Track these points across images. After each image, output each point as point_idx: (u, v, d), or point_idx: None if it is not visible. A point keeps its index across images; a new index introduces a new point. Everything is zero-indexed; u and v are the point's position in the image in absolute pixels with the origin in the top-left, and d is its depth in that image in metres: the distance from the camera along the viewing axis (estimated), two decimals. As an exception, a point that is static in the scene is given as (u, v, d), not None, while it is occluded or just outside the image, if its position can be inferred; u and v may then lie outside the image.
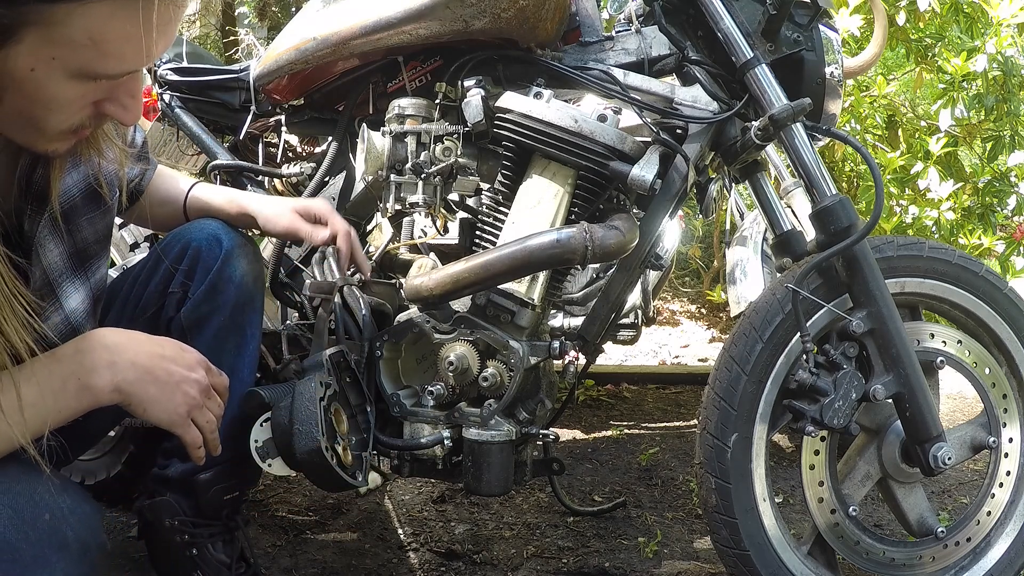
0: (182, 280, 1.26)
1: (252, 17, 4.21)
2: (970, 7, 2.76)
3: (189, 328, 1.26)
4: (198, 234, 1.28)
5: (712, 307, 4.12)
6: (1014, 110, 2.74)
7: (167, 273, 1.27)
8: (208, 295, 1.26)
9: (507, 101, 1.36)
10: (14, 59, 0.74)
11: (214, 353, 1.24)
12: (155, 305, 1.28)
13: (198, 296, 1.26)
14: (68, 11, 0.73)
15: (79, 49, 0.75)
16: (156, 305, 1.28)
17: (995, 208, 2.86)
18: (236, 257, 1.27)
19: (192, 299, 1.26)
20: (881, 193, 1.38)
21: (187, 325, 1.26)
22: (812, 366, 1.33)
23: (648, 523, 1.92)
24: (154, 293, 1.28)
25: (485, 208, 1.41)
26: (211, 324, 1.26)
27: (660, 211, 1.43)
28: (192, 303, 1.26)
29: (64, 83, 0.78)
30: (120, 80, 0.82)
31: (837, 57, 1.49)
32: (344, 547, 1.73)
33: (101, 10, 0.73)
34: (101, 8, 0.73)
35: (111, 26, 0.75)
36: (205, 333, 1.26)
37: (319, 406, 1.20)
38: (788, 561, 1.40)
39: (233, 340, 1.29)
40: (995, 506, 1.52)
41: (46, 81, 0.77)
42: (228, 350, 1.28)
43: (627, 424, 2.64)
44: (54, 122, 0.82)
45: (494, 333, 1.34)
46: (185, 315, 1.26)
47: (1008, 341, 1.50)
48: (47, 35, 0.74)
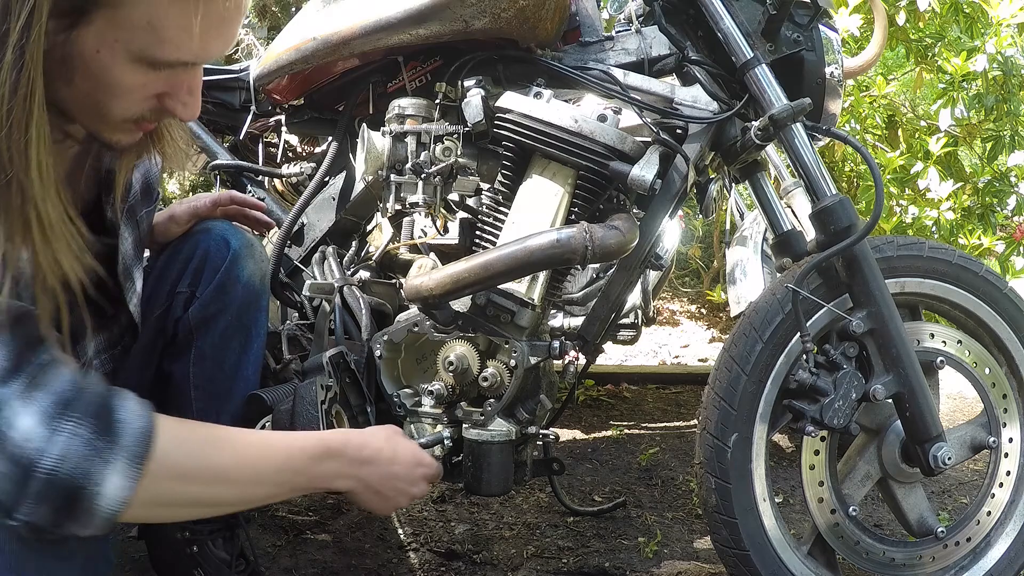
0: (190, 280, 1.27)
1: (252, 17, 4.21)
2: (970, 7, 2.76)
3: (196, 327, 1.27)
4: (206, 235, 1.30)
5: (712, 307, 4.12)
6: (1014, 110, 2.74)
7: (176, 273, 1.28)
8: (216, 295, 1.27)
9: (507, 101, 1.36)
10: (84, 40, 0.80)
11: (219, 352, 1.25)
12: (163, 305, 1.29)
13: (206, 296, 1.27)
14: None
15: (139, 32, 0.80)
16: (164, 305, 1.29)
17: (995, 208, 2.86)
18: (244, 258, 1.29)
19: (200, 299, 1.27)
20: (881, 193, 1.38)
21: (194, 324, 1.27)
22: (812, 366, 1.33)
23: (648, 523, 1.92)
24: (162, 293, 1.29)
25: (485, 208, 1.41)
26: (218, 324, 1.27)
27: (660, 211, 1.43)
28: (200, 303, 1.27)
29: (126, 68, 0.82)
30: (179, 75, 0.87)
31: (837, 57, 1.49)
32: (344, 547, 1.73)
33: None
34: None
35: (169, 12, 0.80)
36: (212, 332, 1.27)
37: (320, 409, 1.20)
38: (788, 561, 1.40)
39: (239, 340, 1.29)
40: (995, 506, 1.52)
41: (110, 64, 0.82)
42: (233, 349, 1.29)
43: (627, 424, 2.64)
44: (117, 109, 0.86)
45: (494, 333, 1.34)
46: (193, 315, 1.27)
47: (1008, 341, 1.50)
48: (113, 17, 0.79)
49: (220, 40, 0.85)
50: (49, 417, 0.77)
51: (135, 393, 0.88)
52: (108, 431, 0.80)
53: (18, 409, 0.76)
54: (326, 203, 1.61)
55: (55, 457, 0.76)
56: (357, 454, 1.06)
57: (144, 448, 0.82)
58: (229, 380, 1.28)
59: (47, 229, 0.83)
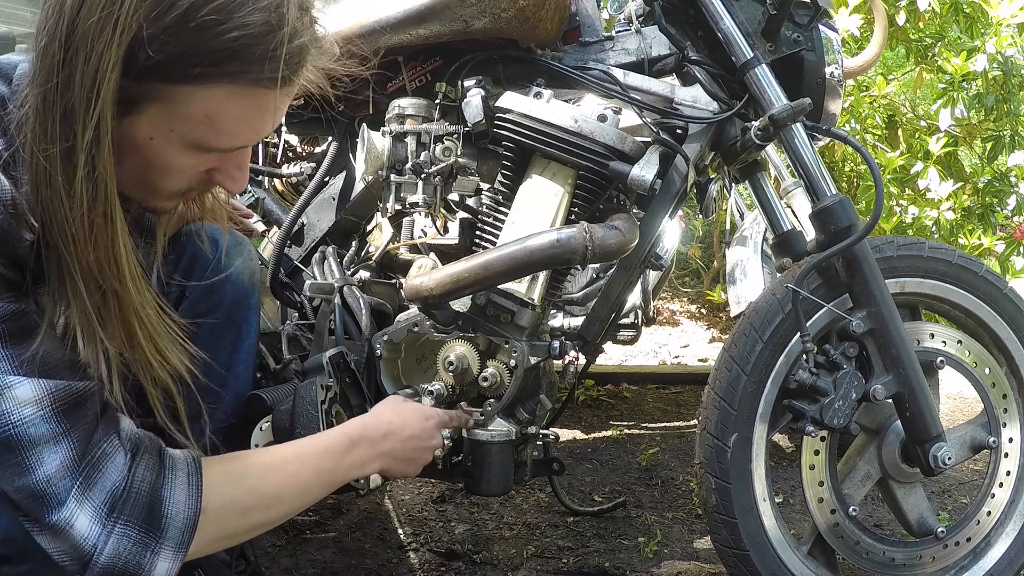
0: (179, 279, 1.27)
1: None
2: (970, 7, 2.76)
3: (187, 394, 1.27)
4: (194, 233, 1.29)
5: (712, 307, 4.12)
6: (1014, 110, 2.74)
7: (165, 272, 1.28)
8: (205, 294, 1.26)
9: (507, 101, 1.36)
10: (136, 127, 0.81)
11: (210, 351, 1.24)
12: None
13: (195, 295, 1.26)
14: (190, 92, 0.79)
15: (196, 125, 0.81)
16: None
17: (995, 208, 2.86)
18: (232, 255, 1.28)
19: (189, 298, 1.26)
20: (881, 193, 1.38)
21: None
22: (812, 366, 1.33)
23: (648, 523, 1.92)
24: None
25: (485, 208, 1.41)
26: (208, 322, 1.27)
27: (660, 211, 1.43)
28: (189, 302, 1.26)
29: (179, 153, 0.84)
30: (231, 155, 0.88)
31: (837, 57, 1.49)
32: (344, 547, 1.73)
33: (220, 93, 0.80)
34: (220, 91, 0.80)
35: (228, 108, 0.81)
36: (202, 331, 1.26)
37: (320, 410, 1.20)
38: (788, 561, 1.40)
39: (229, 337, 1.29)
40: (995, 506, 1.52)
41: (163, 150, 0.83)
42: (224, 347, 1.28)
43: (627, 424, 2.64)
44: (167, 185, 0.89)
45: (494, 333, 1.34)
46: (182, 313, 1.26)
47: (1008, 341, 1.50)
48: (168, 111, 0.80)
49: (272, 124, 0.88)
50: (103, 518, 0.85)
51: None
52: (155, 529, 0.87)
53: (75, 509, 0.83)
54: (326, 203, 1.61)
55: (109, 555, 0.85)
56: (376, 433, 1.13)
57: (189, 534, 0.89)
58: (220, 378, 1.28)
59: (150, 330, 0.87)
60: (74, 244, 0.80)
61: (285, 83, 0.82)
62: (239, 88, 0.80)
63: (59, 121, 0.76)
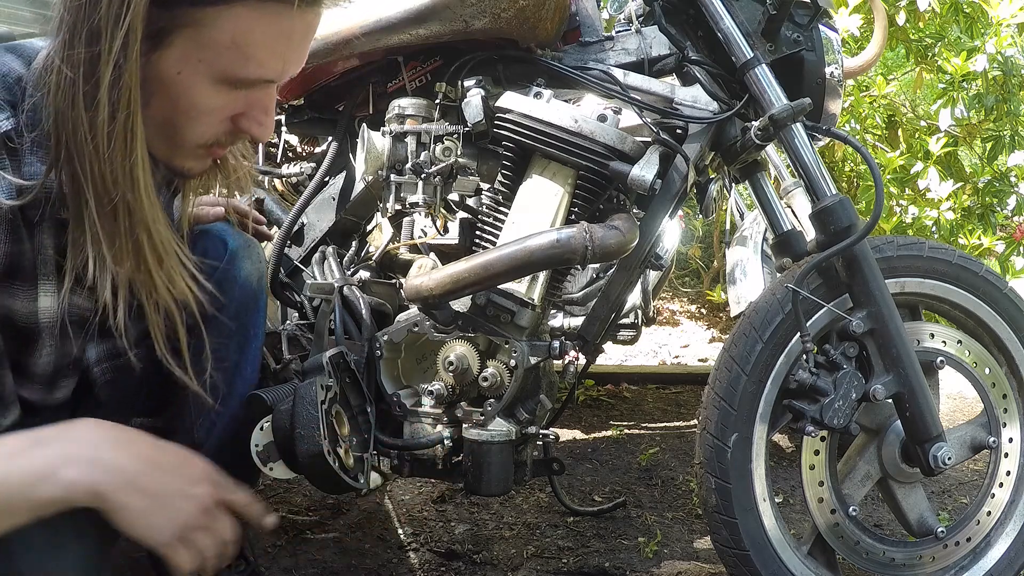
0: None
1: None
2: (970, 7, 2.76)
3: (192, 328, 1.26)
4: (204, 236, 1.29)
5: (712, 307, 4.12)
6: (1014, 110, 2.74)
7: None
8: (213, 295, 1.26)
9: (507, 101, 1.36)
10: (164, 62, 0.81)
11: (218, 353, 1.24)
12: None
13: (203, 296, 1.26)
14: (216, 13, 0.79)
15: (223, 51, 0.81)
16: None
17: (995, 208, 2.87)
18: (241, 258, 1.28)
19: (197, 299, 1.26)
20: (881, 193, 1.38)
21: (190, 325, 1.27)
22: (812, 366, 1.33)
23: (648, 523, 1.92)
24: None
25: (485, 208, 1.41)
26: (215, 324, 1.27)
27: (660, 211, 1.43)
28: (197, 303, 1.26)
29: (207, 88, 0.83)
30: (256, 94, 0.88)
31: (837, 57, 1.49)
32: (344, 547, 1.73)
33: (246, 13, 0.80)
34: (246, 11, 0.80)
35: (254, 29, 0.81)
36: (210, 331, 1.27)
37: (320, 410, 1.20)
38: (788, 561, 1.40)
39: (237, 339, 1.29)
40: (995, 506, 1.52)
41: (191, 85, 0.83)
42: (232, 349, 1.28)
43: (627, 424, 2.64)
44: (192, 133, 0.87)
45: (494, 333, 1.34)
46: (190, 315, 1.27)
47: (1008, 341, 1.50)
48: (195, 37, 0.80)
49: (298, 57, 0.88)
50: None
51: (132, 395, 0.89)
52: None
53: None
54: (326, 203, 1.61)
55: None
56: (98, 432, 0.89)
57: None
58: (228, 380, 1.28)
59: (160, 249, 0.85)
60: (92, 155, 0.79)
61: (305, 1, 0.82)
62: (263, 5, 0.80)
63: (88, 33, 0.76)
